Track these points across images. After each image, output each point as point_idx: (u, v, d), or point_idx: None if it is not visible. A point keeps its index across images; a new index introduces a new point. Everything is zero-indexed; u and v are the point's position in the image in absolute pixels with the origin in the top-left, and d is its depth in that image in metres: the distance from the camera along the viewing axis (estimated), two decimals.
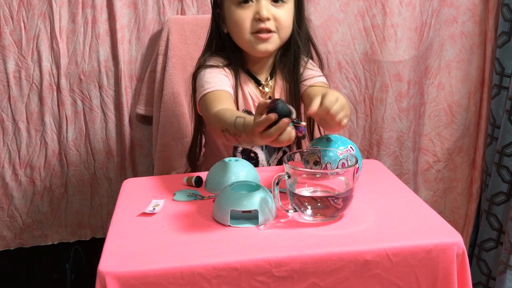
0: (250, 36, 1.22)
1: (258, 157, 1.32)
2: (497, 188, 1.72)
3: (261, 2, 1.20)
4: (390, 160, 1.80)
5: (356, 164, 0.95)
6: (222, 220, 0.95)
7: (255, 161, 1.32)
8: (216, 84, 1.21)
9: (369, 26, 1.70)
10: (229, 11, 1.23)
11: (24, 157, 1.67)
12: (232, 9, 1.22)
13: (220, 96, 1.18)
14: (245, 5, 1.20)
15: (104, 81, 1.64)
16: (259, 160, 1.32)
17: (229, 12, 1.23)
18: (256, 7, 1.20)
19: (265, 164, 1.33)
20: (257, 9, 1.19)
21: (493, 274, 1.76)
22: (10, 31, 1.56)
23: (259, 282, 0.85)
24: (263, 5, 1.19)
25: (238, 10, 1.21)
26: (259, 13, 1.19)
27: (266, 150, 1.33)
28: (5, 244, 1.73)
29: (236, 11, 1.21)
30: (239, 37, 1.24)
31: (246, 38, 1.22)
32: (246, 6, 1.20)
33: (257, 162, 1.32)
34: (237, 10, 1.21)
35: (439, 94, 1.83)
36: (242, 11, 1.21)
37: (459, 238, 0.89)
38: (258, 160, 1.32)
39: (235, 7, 1.21)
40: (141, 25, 1.61)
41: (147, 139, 1.70)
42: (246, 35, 1.22)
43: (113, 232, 0.95)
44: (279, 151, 1.35)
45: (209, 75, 1.23)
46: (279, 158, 1.35)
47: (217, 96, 1.18)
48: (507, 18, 1.66)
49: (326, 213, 0.95)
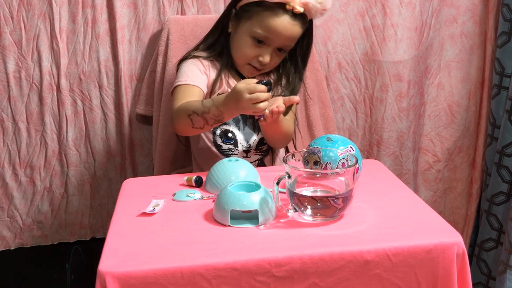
0: (245, 64, 1.35)
1: (236, 136, 1.36)
2: (497, 188, 1.72)
3: (269, 49, 1.32)
4: (390, 160, 1.80)
5: (356, 164, 0.95)
6: (222, 220, 0.96)
7: (234, 141, 1.36)
8: (189, 79, 1.32)
9: (369, 26, 1.70)
10: (242, 35, 1.33)
11: (24, 157, 1.67)
12: (246, 39, 1.32)
13: (191, 92, 1.29)
14: (258, 44, 1.31)
15: (104, 81, 1.64)
16: (237, 139, 1.37)
17: (242, 36, 1.33)
18: (264, 50, 1.32)
19: (245, 144, 1.37)
20: (263, 53, 1.32)
21: (493, 274, 1.76)
22: (10, 31, 1.56)
23: (259, 282, 0.85)
24: (269, 54, 1.32)
25: (250, 44, 1.32)
26: (263, 58, 1.32)
27: (243, 130, 1.38)
28: (5, 244, 1.73)
29: (248, 43, 1.32)
30: (237, 57, 1.36)
31: (242, 63, 1.36)
32: (258, 45, 1.32)
33: (236, 142, 1.37)
34: (249, 43, 1.32)
35: (439, 94, 1.83)
36: (253, 47, 1.32)
37: (459, 238, 0.90)
38: (237, 140, 1.37)
39: (249, 39, 1.31)
40: (141, 25, 1.61)
41: (147, 139, 1.70)
42: (243, 62, 1.35)
43: (113, 232, 0.95)
44: (259, 133, 1.39)
45: (187, 68, 1.34)
46: (258, 140, 1.39)
47: (187, 90, 1.30)
48: (507, 18, 1.66)
49: (326, 213, 0.95)
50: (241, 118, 1.38)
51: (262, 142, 1.40)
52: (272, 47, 1.31)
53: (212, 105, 1.17)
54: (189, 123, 1.21)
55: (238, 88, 1.12)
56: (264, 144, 1.41)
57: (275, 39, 1.29)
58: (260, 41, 1.30)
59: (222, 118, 1.19)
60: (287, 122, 1.35)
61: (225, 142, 1.36)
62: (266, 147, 1.41)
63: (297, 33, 1.31)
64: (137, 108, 1.64)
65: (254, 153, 1.39)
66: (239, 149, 1.38)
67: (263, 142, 1.40)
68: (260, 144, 1.40)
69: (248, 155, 1.39)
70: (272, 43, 1.30)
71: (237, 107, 1.14)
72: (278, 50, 1.33)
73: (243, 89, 1.11)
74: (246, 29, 1.31)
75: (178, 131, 1.31)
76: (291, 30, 1.29)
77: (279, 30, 1.27)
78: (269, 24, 1.27)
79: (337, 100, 1.75)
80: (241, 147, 1.38)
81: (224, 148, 1.37)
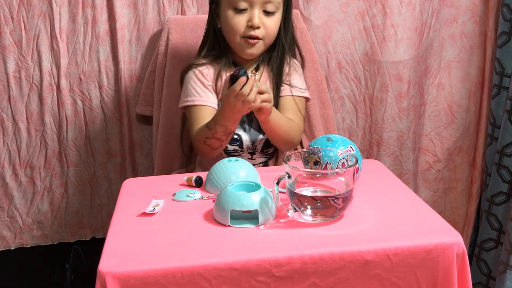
0: (241, 39, 1.34)
1: (242, 137, 1.38)
2: (497, 188, 1.72)
3: (254, 11, 1.32)
4: (390, 160, 1.80)
5: (356, 164, 0.95)
6: (222, 220, 0.95)
7: (239, 142, 1.38)
8: (199, 97, 1.36)
9: (369, 26, 1.70)
10: (224, 14, 1.34)
11: (24, 157, 1.67)
12: (228, 13, 1.33)
13: (203, 116, 1.34)
14: (240, 12, 1.32)
15: (104, 81, 1.64)
16: (243, 140, 1.38)
17: (225, 15, 1.34)
18: (249, 15, 1.32)
19: (250, 145, 1.39)
20: (250, 17, 1.32)
21: (493, 274, 1.76)
22: (10, 31, 1.56)
23: (259, 282, 0.85)
24: (256, 15, 1.32)
25: (233, 15, 1.32)
26: (252, 21, 1.31)
27: (249, 132, 1.39)
28: (5, 244, 1.73)
29: (231, 15, 1.33)
30: (231, 38, 1.36)
31: (237, 41, 1.35)
32: (241, 13, 1.32)
33: (241, 144, 1.38)
34: (232, 15, 1.32)
35: (439, 94, 1.83)
36: (237, 16, 1.32)
37: (459, 238, 0.89)
38: (242, 141, 1.38)
39: (231, 12, 1.33)
40: (141, 25, 1.62)
41: (147, 139, 1.70)
42: (237, 38, 1.34)
43: (113, 232, 0.95)
44: (264, 135, 1.40)
45: (193, 85, 1.38)
46: (264, 142, 1.39)
47: (200, 113, 1.35)
48: (507, 18, 1.66)
49: (326, 213, 0.95)
50: (246, 119, 1.39)
51: (268, 145, 1.40)
52: (255, 9, 1.31)
53: (216, 124, 1.25)
54: (208, 148, 1.30)
55: (223, 98, 1.22)
56: (270, 147, 1.41)
57: None
58: (242, 9, 1.31)
59: (230, 129, 1.26)
60: (285, 120, 1.35)
61: (230, 144, 1.37)
62: (272, 150, 1.42)
63: None
64: (137, 108, 1.64)
65: (259, 155, 1.40)
66: (244, 149, 1.38)
67: (269, 145, 1.40)
68: (265, 147, 1.40)
69: (253, 157, 1.40)
70: (252, 4, 1.31)
71: (233, 113, 1.21)
72: (265, 12, 1.32)
73: (226, 96, 1.20)
74: (225, 7, 1.33)
75: (204, 157, 1.38)
76: None
77: None
78: None
79: (337, 100, 1.75)
80: (247, 149, 1.38)
81: (229, 149, 1.38)
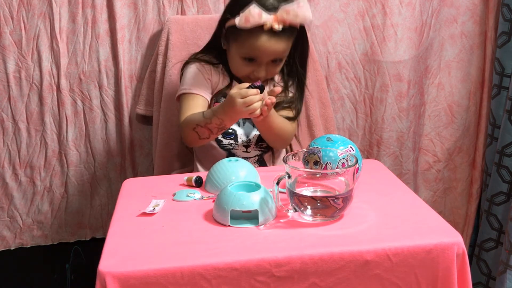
0: (244, 78, 1.35)
1: (236, 131, 1.39)
2: (497, 188, 1.72)
3: (262, 66, 1.32)
4: (390, 160, 1.80)
5: (356, 164, 0.95)
6: (222, 220, 0.96)
7: (234, 136, 1.39)
8: (193, 87, 1.35)
9: (369, 26, 1.70)
10: (233, 53, 1.33)
11: (24, 157, 1.67)
12: (236, 56, 1.32)
13: (195, 104, 1.33)
14: (249, 61, 1.31)
15: (104, 81, 1.64)
16: (238, 134, 1.39)
17: (233, 56, 1.34)
18: (257, 66, 1.32)
19: (245, 138, 1.40)
20: (257, 69, 1.32)
21: (493, 274, 1.76)
22: (10, 31, 1.56)
23: (259, 282, 0.85)
24: (263, 69, 1.32)
25: (241, 62, 1.32)
26: (258, 73, 1.32)
27: (244, 126, 1.40)
28: (5, 244, 1.73)
29: (239, 61, 1.32)
30: (234, 73, 1.37)
31: (239, 75, 1.36)
32: (249, 62, 1.32)
33: (236, 137, 1.39)
34: (240, 61, 1.32)
35: (439, 94, 1.83)
36: (244, 63, 1.32)
37: (459, 238, 0.90)
38: (237, 135, 1.39)
39: (240, 59, 1.32)
40: (141, 25, 1.61)
41: (147, 139, 1.70)
42: (240, 75, 1.36)
43: (113, 232, 0.95)
44: None
45: (191, 74, 1.37)
46: (258, 135, 1.40)
47: (192, 101, 1.34)
48: (507, 18, 1.66)
49: (326, 213, 0.95)
50: None
51: (262, 139, 1.41)
52: (263, 63, 1.32)
53: (213, 115, 1.24)
54: (196, 136, 1.27)
55: (231, 94, 1.18)
56: (264, 141, 1.41)
57: (263, 56, 1.30)
58: (251, 59, 1.31)
59: (224, 125, 1.25)
60: (281, 121, 1.35)
61: (225, 137, 1.38)
62: (266, 143, 1.42)
63: (283, 46, 1.30)
64: (137, 108, 1.64)
65: (254, 148, 1.41)
66: (239, 143, 1.39)
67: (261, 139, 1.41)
68: (260, 140, 1.41)
69: (248, 150, 1.40)
70: (262, 60, 1.31)
71: (233, 112, 1.20)
72: (272, 61, 1.33)
73: (235, 94, 1.17)
74: (235, 51, 1.32)
75: (187, 144, 1.37)
76: (275, 46, 1.28)
77: (262, 49, 1.28)
78: (252, 46, 1.28)
79: (337, 100, 1.75)
80: (241, 142, 1.39)
81: (224, 143, 1.38)
